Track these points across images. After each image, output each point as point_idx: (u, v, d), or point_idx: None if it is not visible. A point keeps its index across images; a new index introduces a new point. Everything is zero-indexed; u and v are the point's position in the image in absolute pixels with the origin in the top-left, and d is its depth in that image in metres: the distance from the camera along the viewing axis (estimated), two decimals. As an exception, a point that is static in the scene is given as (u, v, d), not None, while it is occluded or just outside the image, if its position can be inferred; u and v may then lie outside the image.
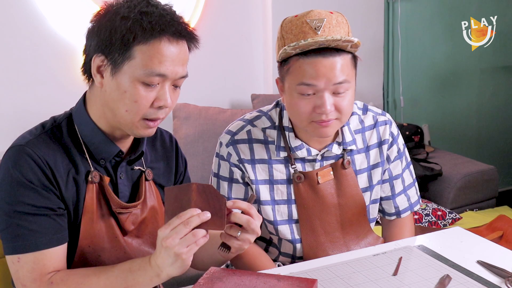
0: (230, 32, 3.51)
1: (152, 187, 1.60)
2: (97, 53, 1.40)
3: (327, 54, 1.62)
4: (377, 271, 1.59)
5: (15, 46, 2.95)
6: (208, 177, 2.11)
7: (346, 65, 1.65)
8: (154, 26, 1.36)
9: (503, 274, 1.54)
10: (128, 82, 1.38)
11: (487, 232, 3.02)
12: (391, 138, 1.90)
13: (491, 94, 4.51)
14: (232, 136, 1.83)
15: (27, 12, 2.94)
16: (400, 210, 1.96)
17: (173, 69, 1.41)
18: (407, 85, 4.16)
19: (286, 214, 1.83)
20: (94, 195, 1.46)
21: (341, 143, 1.83)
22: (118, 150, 1.50)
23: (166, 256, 1.32)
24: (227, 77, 3.56)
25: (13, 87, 2.98)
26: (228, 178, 1.84)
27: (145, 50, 1.36)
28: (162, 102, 1.42)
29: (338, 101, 1.67)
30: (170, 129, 3.27)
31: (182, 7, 3.31)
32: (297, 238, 1.85)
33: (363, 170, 1.88)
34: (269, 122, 1.85)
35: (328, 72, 1.63)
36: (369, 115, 1.91)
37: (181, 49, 1.42)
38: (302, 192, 1.81)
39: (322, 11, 1.68)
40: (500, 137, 4.59)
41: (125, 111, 1.40)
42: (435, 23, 4.21)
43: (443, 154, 3.83)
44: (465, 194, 3.50)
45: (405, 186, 1.96)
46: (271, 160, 1.82)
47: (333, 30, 1.63)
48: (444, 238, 1.83)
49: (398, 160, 1.93)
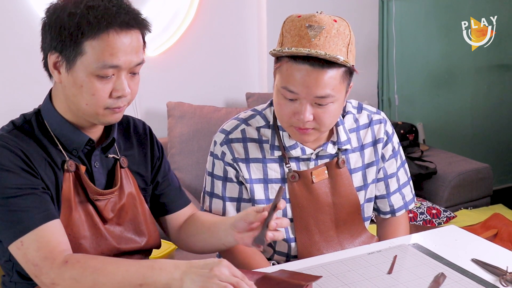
0: (224, 31, 3.51)
1: (128, 174, 1.62)
2: (51, 50, 1.42)
3: (316, 64, 1.59)
4: (372, 270, 1.59)
5: (9, 45, 2.95)
6: (203, 175, 2.10)
7: (334, 78, 1.61)
8: (100, 20, 1.36)
9: (497, 272, 1.54)
10: (83, 77, 1.40)
11: (482, 230, 3.03)
12: (385, 137, 1.89)
13: (485, 93, 4.52)
14: (226, 135, 1.82)
15: (21, 11, 2.93)
16: (395, 209, 1.96)
17: (126, 59, 1.41)
18: (402, 83, 4.16)
19: (280, 213, 1.81)
20: (71, 184, 1.48)
21: (336, 142, 1.82)
22: (88, 139, 1.52)
23: (199, 278, 1.31)
24: (221, 76, 3.55)
25: (8, 85, 2.97)
26: (222, 177, 1.84)
27: (95, 44, 1.37)
28: (120, 92, 1.43)
29: (318, 113, 1.65)
30: (165, 127, 3.27)
31: (176, 6, 3.31)
32: (292, 237, 1.85)
33: (358, 169, 1.87)
34: (263, 121, 1.84)
35: (312, 83, 1.60)
36: (364, 114, 1.90)
37: (132, 37, 1.42)
38: (296, 191, 1.81)
39: (326, 17, 1.64)
40: (494, 135, 4.60)
41: (85, 104, 1.43)
42: (430, 21, 4.21)
43: (438, 153, 3.83)
44: (460, 193, 3.50)
45: (400, 184, 1.96)
46: (265, 159, 1.81)
47: (329, 41, 1.59)
48: (439, 237, 1.84)
49: (393, 159, 1.92)
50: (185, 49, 3.40)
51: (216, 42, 3.49)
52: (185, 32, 3.37)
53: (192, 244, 1.74)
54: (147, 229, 1.64)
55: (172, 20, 3.33)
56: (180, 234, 1.76)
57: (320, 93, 1.61)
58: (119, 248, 1.57)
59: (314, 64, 1.59)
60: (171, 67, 3.39)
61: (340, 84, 1.64)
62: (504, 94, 4.58)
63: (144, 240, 1.63)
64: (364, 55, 3.97)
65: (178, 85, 3.43)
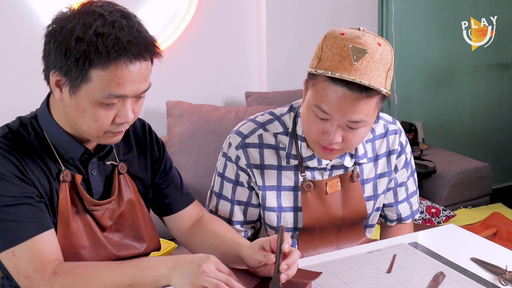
0: (224, 30, 3.50)
1: (127, 180, 1.59)
2: (54, 70, 1.36)
3: (355, 89, 1.51)
4: (371, 269, 1.59)
5: (9, 44, 2.94)
6: (201, 174, 2.10)
7: (370, 105, 1.56)
8: (110, 51, 1.30)
9: (496, 271, 1.54)
10: (87, 103, 1.35)
11: (481, 229, 3.03)
12: (399, 148, 1.87)
13: (484, 92, 4.52)
14: (243, 138, 1.79)
15: (21, 10, 2.93)
16: (402, 217, 1.96)
17: (133, 88, 1.36)
18: (401, 82, 4.16)
19: (291, 222, 1.82)
20: (67, 194, 1.46)
21: (354, 156, 1.80)
22: (84, 150, 1.49)
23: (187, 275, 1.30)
24: (221, 75, 3.55)
25: (7, 85, 2.97)
26: (233, 180, 1.81)
27: (102, 74, 1.32)
28: (123, 119, 1.40)
29: (348, 135, 1.61)
30: (164, 126, 3.26)
31: (176, 5, 3.31)
32: (295, 240, 1.85)
33: (370, 180, 1.86)
34: (281, 127, 1.80)
35: (348, 108, 1.54)
36: (380, 124, 1.87)
37: (142, 67, 1.36)
38: (309, 201, 1.78)
39: (370, 39, 1.55)
40: (493, 134, 4.60)
41: (87, 128, 1.40)
42: (429, 20, 4.21)
43: (437, 152, 3.83)
44: (459, 192, 3.50)
45: (408, 194, 1.95)
46: (280, 166, 1.78)
47: (371, 66, 1.51)
48: (438, 236, 1.84)
49: (404, 169, 1.91)
50: (185, 48, 3.40)
51: (215, 41, 3.49)
52: (185, 31, 3.37)
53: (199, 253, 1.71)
54: (147, 234, 1.62)
55: (172, 19, 3.33)
56: (188, 240, 1.73)
57: (354, 118, 1.56)
58: (118, 255, 1.55)
59: (353, 88, 1.52)
60: (170, 66, 3.38)
61: (374, 110, 1.60)
62: (503, 93, 4.58)
63: (144, 246, 1.62)
64: (364, 54, 3.97)
65: (177, 84, 3.43)
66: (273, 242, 1.45)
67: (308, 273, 1.52)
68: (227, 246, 1.59)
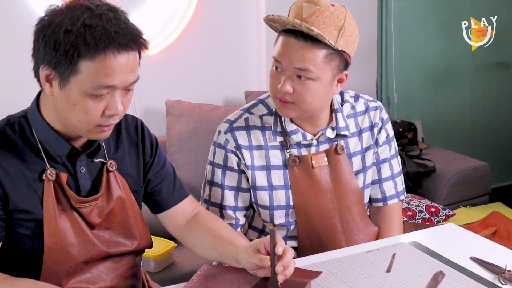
0: (223, 29, 3.50)
1: (117, 178, 1.59)
2: (44, 64, 1.38)
3: (300, 38, 1.67)
4: (371, 268, 1.60)
5: (8, 43, 2.94)
6: (202, 173, 2.10)
7: (316, 55, 1.67)
8: (98, 42, 1.32)
9: (496, 270, 1.55)
10: (77, 95, 1.37)
11: (481, 228, 3.03)
12: (380, 123, 1.95)
13: (484, 91, 4.52)
14: (230, 124, 1.87)
15: (20, 9, 2.93)
16: (386, 196, 1.98)
17: (122, 79, 1.38)
18: (401, 82, 4.16)
19: (284, 200, 1.85)
20: (52, 193, 1.46)
21: (335, 128, 1.87)
22: (70, 148, 1.50)
23: None
24: (220, 74, 3.55)
25: (6, 83, 2.97)
26: (222, 165, 1.86)
27: (91, 65, 1.34)
28: (113, 111, 1.41)
29: (298, 86, 1.71)
30: (164, 126, 3.26)
31: (175, 4, 3.31)
32: (291, 221, 1.87)
33: (357, 153, 1.91)
34: (266, 109, 1.89)
35: (294, 54, 1.68)
36: (361, 102, 1.96)
37: (129, 57, 1.38)
38: (297, 176, 1.84)
39: (327, 1, 1.72)
40: (493, 133, 4.60)
41: (77, 121, 1.41)
42: (429, 20, 4.21)
43: (437, 151, 3.83)
44: (459, 191, 3.50)
45: (393, 173, 1.99)
46: (267, 146, 1.85)
47: (319, 21, 1.66)
48: (438, 235, 1.84)
49: (386, 145, 1.96)
50: (184, 47, 3.40)
51: (215, 41, 3.49)
52: (184, 31, 3.36)
53: (198, 252, 1.71)
54: (138, 231, 1.62)
55: (171, 18, 3.32)
56: (184, 237, 1.72)
57: (299, 65, 1.68)
58: (108, 252, 1.55)
59: (299, 38, 1.67)
60: (170, 65, 3.38)
61: (323, 63, 1.69)
62: (502, 92, 4.58)
63: (135, 243, 1.61)
64: (363, 53, 3.97)
65: (177, 83, 3.43)
66: (267, 244, 1.46)
67: (308, 272, 1.52)
68: (224, 247, 1.59)
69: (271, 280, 1.41)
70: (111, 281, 1.56)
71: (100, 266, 1.54)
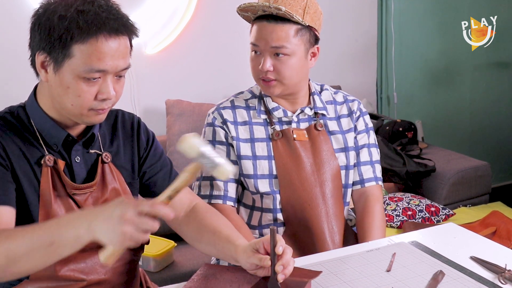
0: (223, 28, 3.50)
1: (112, 169, 1.62)
2: (39, 50, 1.44)
3: (271, 20, 1.87)
4: (371, 267, 1.60)
5: (9, 41, 2.95)
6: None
7: (287, 33, 1.87)
8: (90, 25, 1.39)
9: (496, 270, 1.55)
10: (70, 79, 1.42)
11: (480, 228, 3.03)
12: (359, 112, 2.08)
13: (484, 90, 4.52)
14: (217, 105, 2.04)
15: (22, 8, 2.93)
16: (364, 179, 2.04)
17: (113, 64, 1.43)
18: (401, 81, 4.16)
19: (267, 169, 1.96)
20: (49, 178, 1.49)
21: (313, 107, 2.02)
22: (66, 134, 1.53)
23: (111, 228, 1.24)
24: (220, 74, 3.55)
25: (7, 81, 2.97)
26: (211, 140, 1.99)
27: (83, 48, 1.39)
28: (105, 95, 1.45)
29: (277, 64, 1.89)
30: (164, 125, 3.26)
31: (175, 4, 3.31)
32: (276, 190, 1.95)
33: (337, 132, 2.03)
34: (250, 94, 2.07)
35: (268, 35, 1.88)
36: (340, 94, 2.11)
37: (120, 43, 1.44)
38: (280, 148, 1.97)
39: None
40: (493, 133, 4.60)
41: (71, 105, 1.45)
42: (429, 19, 4.21)
43: (437, 150, 3.83)
44: (458, 190, 3.50)
45: (371, 159, 2.06)
46: (252, 122, 2.00)
47: (285, 3, 1.84)
48: (438, 234, 1.84)
49: (365, 133, 2.07)
50: (184, 47, 3.40)
51: (214, 40, 3.49)
52: (184, 30, 3.37)
53: (196, 247, 1.71)
54: None
55: (171, 18, 3.33)
56: (182, 229, 1.72)
57: (274, 44, 1.87)
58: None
59: (270, 20, 1.87)
60: (170, 64, 3.38)
61: (295, 39, 1.89)
62: (502, 91, 4.58)
63: None
64: (363, 53, 3.97)
65: (177, 82, 3.43)
66: (266, 243, 1.47)
67: (308, 272, 1.52)
68: (223, 245, 1.59)
69: (271, 279, 1.42)
70: (105, 273, 1.57)
71: (95, 258, 1.53)
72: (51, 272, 1.47)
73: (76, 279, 1.51)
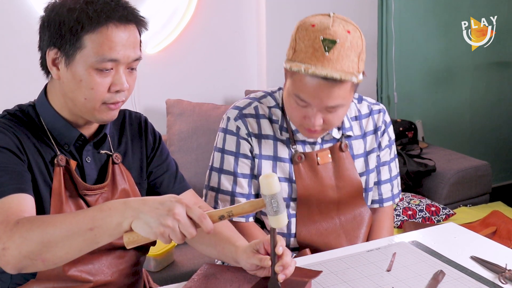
0: (223, 28, 3.50)
1: (122, 170, 1.62)
2: (50, 47, 1.44)
3: (329, 79, 1.64)
4: (371, 267, 1.60)
5: (8, 43, 2.95)
6: (202, 173, 2.10)
7: (344, 90, 1.68)
8: (100, 14, 1.40)
9: (496, 270, 1.55)
10: (83, 71, 1.41)
11: (481, 227, 3.03)
12: (384, 126, 1.98)
13: (484, 90, 4.52)
14: (240, 110, 1.89)
15: (21, 10, 2.93)
16: (383, 198, 2.01)
17: (124, 53, 1.43)
18: (401, 81, 4.16)
19: (286, 192, 1.87)
20: (61, 178, 1.49)
21: (341, 128, 1.90)
22: (79, 134, 1.53)
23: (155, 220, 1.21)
24: (220, 73, 3.55)
25: (7, 84, 2.97)
26: (234, 152, 1.87)
27: (94, 38, 1.40)
28: (118, 87, 1.45)
29: (328, 117, 1.73)
30: (164, 125, 3.26)
31: (175, 3, 3.31)
32: (292, 213, 1.88)
33: (360, 155, 1.94)
34: (274, 101, 1.91)
35: (324, 96, 1.67)
36: (364, 104, 1.99)
37: (130, 33, 1.45)
38: (302, 172, 1.86)
39: (340, 28, 1.65)
40: (493, 132, 4.60)
41: (84, 99, 1.44)
42: (429, 19, 4.21)
43: (437, 150, 3.83)
44: (459, 190, 3.50)
45: (391, 176, 2.02)
46: (275, 137, 1.87)
47: (342, 55, 1.63)
48: (438, 234, 1.84)
49: (388, 149, 2.00)
50: (184, 47, 3.40)
51: (215, 40, 3.49)
52: (184, 30, 3.37)
53: (197, 248, 1.71)
54: None
55: (171, 17, 3.33)
56: None
57: (331, 104, 1.68)
58: (111, 243, 1.51)
59: (327, 78, 1.63)
60: (170, 64, 3.38)
61: (350, 92, 1.71)
62: (502, 91, 4.58)
63: None
64: (363, 53, 3.97)
65: (177, 82, 3.43)
66: (266, 244, 1.47)
67: (308, 271, 1.52)
68: (223, 246, 1.60)
69: (271, 279, 1.42)
70: (112, 275, 1.57)
71: (102, 259, 1.55)
72: (59, 272, 1.46)
73: (83, 280, 1.51)
